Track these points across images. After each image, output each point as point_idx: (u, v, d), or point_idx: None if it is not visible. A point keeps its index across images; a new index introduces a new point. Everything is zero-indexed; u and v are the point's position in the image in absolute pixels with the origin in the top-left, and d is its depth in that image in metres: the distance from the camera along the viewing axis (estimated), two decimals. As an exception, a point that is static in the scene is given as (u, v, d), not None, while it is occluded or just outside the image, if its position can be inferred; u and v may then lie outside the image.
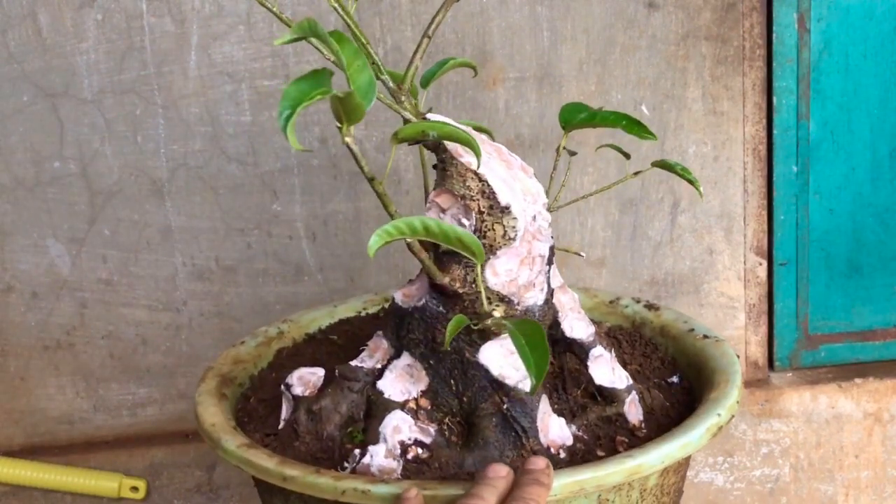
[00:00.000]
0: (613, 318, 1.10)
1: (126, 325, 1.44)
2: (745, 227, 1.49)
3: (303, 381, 0.92)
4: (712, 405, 0.88)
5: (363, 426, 0.88)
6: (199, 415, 0.93)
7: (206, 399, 0.96)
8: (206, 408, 0.94)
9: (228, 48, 1.37)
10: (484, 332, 0.86)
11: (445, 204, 0.86)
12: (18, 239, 1.40)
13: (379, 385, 0.89)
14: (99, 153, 1.39)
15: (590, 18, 1.39)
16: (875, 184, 1.50)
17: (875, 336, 1.56)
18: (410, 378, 0.88)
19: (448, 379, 0.88)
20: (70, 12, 1.34)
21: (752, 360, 1.54)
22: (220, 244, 1.43)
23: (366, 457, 0.85)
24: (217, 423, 0.92)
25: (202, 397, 0.96)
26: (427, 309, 0.87)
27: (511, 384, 0.86)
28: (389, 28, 1.37)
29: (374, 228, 1.44)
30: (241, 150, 1.40)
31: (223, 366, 1.02)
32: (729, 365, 0.96)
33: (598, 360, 0.92)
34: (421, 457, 0.85)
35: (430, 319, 0.87)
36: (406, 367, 0.89)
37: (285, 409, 0.92)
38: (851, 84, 1.46)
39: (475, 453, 0.85)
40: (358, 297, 1.16)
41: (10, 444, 1.47)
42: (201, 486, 1.49)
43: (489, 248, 0.85)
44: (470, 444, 0.86)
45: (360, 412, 0.89)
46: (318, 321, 1.12)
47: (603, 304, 1.11)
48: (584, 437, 0.89)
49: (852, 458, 1.54)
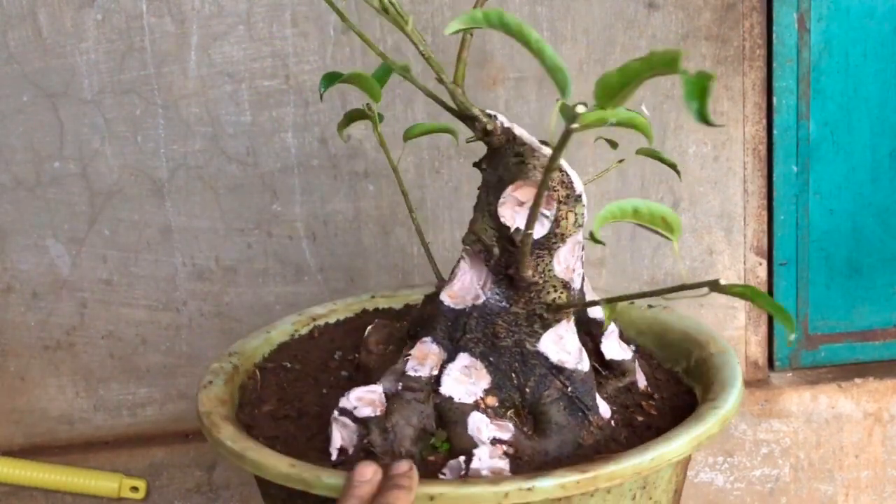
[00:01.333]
0: None
1: (126, 325, 1.44)
2: (745, 227, 1.49)
3: (365, 402, 0.88)
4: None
5: (445, 434, 0.87)
6: (268, 465, 0.84)
7: (258, 445, 0.88)
8: (262, 453, 0.86)
9: (228, 48, 1.37)
10: (544, 322, 0.87)
11: (524, 196, 0.87)
12: (18, 239, 1.40)
13: (443, 391, 0.87)
14: (99, 153, 1.39)
15: (590, 18, 1.39)
16: (875, 184, 1.50)
17: (875, 336, 1.56)
18: (469, 379, 0.88)
19: (509, 373, 0.88)
20: (70, 12, 1.34)
21: (752, 360, 1.54)
22: (220, 244, 1.43)
23: (473, 461, 0.83)
24: (297, 465, 0.83)
25: (252, 451, 0.87)
26: (488, 306, 0.88)
27: (571, 367, 0.88)
28: (390, 28, 1.37)
29: (374, 229, 1.45)
30: (241, 150, 1.40)
31: (217, 407, 0.96)
32: (685, 322, 1.07)
33: (610, 336, 0.94)
34: (508, 452, 0.85)
35: (490, 316, 0.88)
36: (463, 369, 0.89)
37: (341, 436, 0.87)
38: (851, 84, 1.46)
39: (553, 439, 0.86)
40: (286, 320, 1.13)
41: (10, 444, 1.47)
42: (201, 486, 1.49)
43: (560, 236, 0.87)
44: (545, 432, 0.87)
45: (431, 422, 0.87)
46: (259, 349, 1.08)
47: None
48: (614, 408, 0.92)
49: (852, 458, 1.54)
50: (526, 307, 0.87)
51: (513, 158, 0.87)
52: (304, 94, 1.38)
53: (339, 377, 1.02)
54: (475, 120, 0.85)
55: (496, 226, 0.88)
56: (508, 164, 0.87)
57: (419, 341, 0.90)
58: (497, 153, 0.88)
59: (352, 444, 0.86)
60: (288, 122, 1.39)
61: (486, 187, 0.89)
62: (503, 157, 0.87)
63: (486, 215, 0.88)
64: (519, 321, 0.88)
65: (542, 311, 0.87)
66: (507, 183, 0.87)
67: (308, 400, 0.98)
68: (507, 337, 0.88)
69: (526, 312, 0.88)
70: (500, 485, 0.77)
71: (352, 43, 1.37)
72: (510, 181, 0.86)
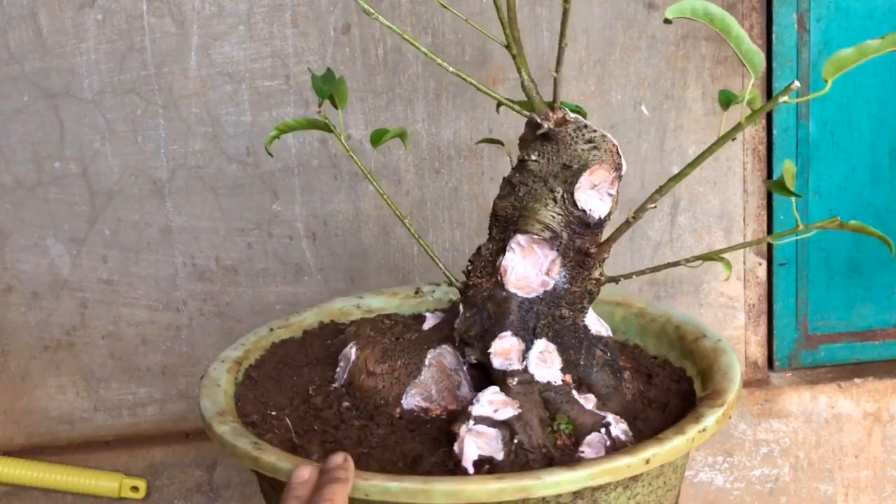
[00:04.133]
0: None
1: (126, 325, 1.44)
2: (745, 227, 1.49)
3: (499, 404, 0.89)
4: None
5: (566, 417, 0.90)
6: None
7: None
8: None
9: (229, 48, 1.37)
10: (591, 297, 0.94)
11: (597, 179, 0.91)
12: (19, 239, 1.41)
13: (538, 379, 0.91)
14: (99, 153, 1.39)
15: (590, 19, 1.39)
16: (874, 184, 1.51)
17: (874, 336, 1.56)
18: (545, 363, 0.92)
19: (569, 349, 0.93)
20: (70, 12, 1.34)
21: (751, 360, 1.54)
22: (220, 244, 1.43)
23: (612, 430, 0.88)
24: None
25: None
26: (557, 288, 0.93)
27: (604, 335, 0.96)
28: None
29: (374, 228, 1.45)
30: (241, 150, 1.40)
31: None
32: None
33: (590, 314, 0.99)
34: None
35: (556, 299, 0.93)
36: (539, 355, 0.92)
37: (477, 445, 0.85)
38: (851, 84, 1.46)
39: (614, 400, 0.94)
40: (217, 368, 1.04)
41: (10, 443, 1.47)
42: (201, 486, 1.49)
43: (608, 216, 0.93)
44: (605, 395, 0.94)
45: (543, 410, 0.90)
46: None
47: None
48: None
49: (852, 458, 1.54)
50: (581, 285, 0.94)
51: (584, 145, 0.91)
52: (304, 94, 1.38)
53: (341, 409, 0.97)
54: (551, 111, 0.91)
55: (564, 211, 0.91)
56: (578, 151, 0.91)
57: (497, 338, 0.92)
58: (555, 143, 0.92)
59: (498, 451, 0.85)
60: (288, 123, 1.39)
61: (539, 177, 0.92)
62: (570, 146, 0.91)
63: (551, 203, 0.92)
64: (575, 299, 0.94)
65: (591, 287, 0.94)
66: (580, 169, 0.91)
67: (331, 446, 0.91)
68: (568, 316, 0.93)
69: (580, 290, 0.94)
70: (637, 454, 0.82)
71: (352, 43, 1.37)
72: (583, 167, 0.91)
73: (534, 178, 0.93)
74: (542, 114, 0.90)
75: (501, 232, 0.95)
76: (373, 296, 1.18)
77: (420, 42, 1.39)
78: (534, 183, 0.93)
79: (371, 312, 1.15)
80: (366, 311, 1.16)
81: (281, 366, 1.05)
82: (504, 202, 0.95)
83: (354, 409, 0.96)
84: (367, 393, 0.97)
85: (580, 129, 0.91)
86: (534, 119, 0.90)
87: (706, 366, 0.99)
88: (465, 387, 0.95)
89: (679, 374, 1.02)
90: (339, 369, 1.01)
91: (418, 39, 1.43)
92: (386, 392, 0.96)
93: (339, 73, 1.38)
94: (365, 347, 0.99)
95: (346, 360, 1.00)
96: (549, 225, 0.91)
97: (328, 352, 1.06)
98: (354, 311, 1.16)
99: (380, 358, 0.98)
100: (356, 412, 0.96)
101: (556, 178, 0.92)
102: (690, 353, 1.03)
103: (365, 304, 1.17)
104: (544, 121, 0.90)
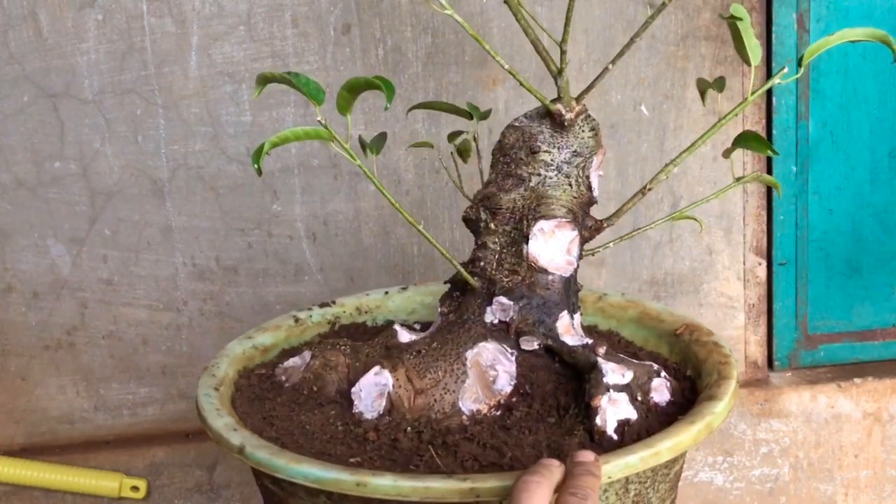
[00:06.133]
0: None
1: (127, 325, 1.44)
2: (745, 226, 1.49)
3: (618, 371, 0.94)
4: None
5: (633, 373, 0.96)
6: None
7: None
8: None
9: (229, 48, 1.37)
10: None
11: (597, 163, 1.00)
12: (19, 239, 1.41)
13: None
14: (99, 153, 1.39)
15: (590, 19, 1.39)
16: (874, 184, 1.51)
17: (874, 336, 1.56)
18: (577, 333, 0.99)
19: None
20: (70, 12, 1.34)
21: (751, 360, 1.54)
22: (220, 244, 1.43)
23: (664, 374, 0.97)
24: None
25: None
26: (578, 265, 1.00)
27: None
28: (389, 28, 1.37)
29: (374, 228, 1.45)
30: (241, 150, 1.40)
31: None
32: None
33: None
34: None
35: (575, 273, 1.00)
36: (576, 328, 0.99)
37: (615, 413, 0.91)
38: (851, 84, 1.47)
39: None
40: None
41: (10, 443, 1.47)
42: (202, 486, 1.49)
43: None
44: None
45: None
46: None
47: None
48: None
49: (851, 458, 1.54)
50: (583, 258, 1.02)
51: (589, 133, 0.98)
52: (304, 94, 1.38)
53: (406, 434, 0.92)
54: (574, 102, 0.97)
55: (579, 194, 0.98)
56: (585, 139, 0.98)
57: (558, 319, 0.96)
58: (566, 133, 0.98)
59: (631, 412, 0.91)
60: (288, 123, 1.39)
61: (553, 166, 0.98)
62: (578, 135, 0.98)
63: (568, 188, 0.98)
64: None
65: (586, 255, 1.03)
66: (588, 155, 0.98)
67: (473, 464, 0.88)
68: (580, 288, 1.02)
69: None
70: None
71: (352, 43, 1.38)
72: (591, 153, 0.98)
73: (546, 168, 0.98)
74: (567, 106, 0.97)
75: (515, 223, 0.98)
76: (260, 333, 1.09)
77: (420, 42, 1.40)
78: (547, 172, 0.98)
79: (267, 351, 1.08)
80: (262, 350, 1.07)
81: (273, 420, 0.96)
82: (511, 195, 0.98)
83: (417, 431, 0.91)
84: (422, 412, 0.94)
85: (587, 119, 0.98)
86: (559, 111, 0.96)
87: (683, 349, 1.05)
88: (501, 380, 0.95)
89: (655, 356, 1.06)
90: (362, 401, 0.95)
91: (418, 40, 1.43)
92: (440, 405, 0.94)
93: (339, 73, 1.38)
94: (396, 368, 0.95)
95: (370, 389, 0.95)
96: (571, 209, 0.97)
97: (300, 393, 0.98)
98: (255, 354, 1.06)
99: (419, 374, 0.95)
100: (430, 433, 0.91)
101: (570, 165, 0.98)
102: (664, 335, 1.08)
103: (260, 344, 1.08)
104: (568, 112, 0.97)
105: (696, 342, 1.03)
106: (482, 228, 0.99)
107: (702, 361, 1.00)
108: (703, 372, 0.99)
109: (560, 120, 0.97)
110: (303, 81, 0.89)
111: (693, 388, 0.99)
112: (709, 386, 0.95)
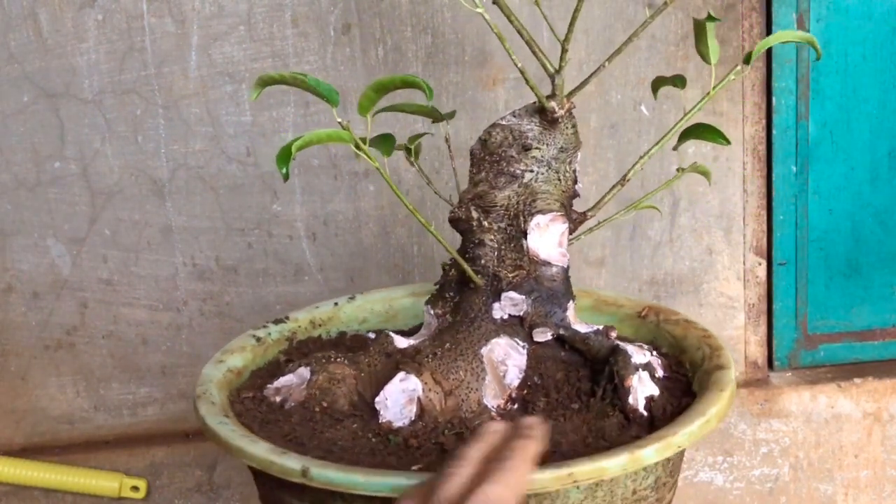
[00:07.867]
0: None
1: (127, 325, 1.45)
2: (745, 227, 1.49)
3: (639, 352, 0.97)
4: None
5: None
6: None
7: None
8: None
9: (229, 48, 1.37)
10: None
11: (579, 158, 1.03)
12: (19, 239, 1.41)
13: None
14: (99, 153, 1.39)
15: (590, 19, 1.39)
16: (874, 184, 1.51)
17: (874, 336, 1.56)
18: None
19: None
20: (70, 12, 1.34)
21: (751, 360, 1.54)
22: (220, 244, 1.43)
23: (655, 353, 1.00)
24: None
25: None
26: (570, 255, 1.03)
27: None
28: (389, 28, 1.37)
29: (374, 228, 1.45)
30: (241, 150, 1.40)
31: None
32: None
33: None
34: None
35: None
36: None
37: (643, 390, 0.94)
38: (851, 84, 1.47)
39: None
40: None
41: (10, 443, 1.47)
42: (202, 486, 1.49)
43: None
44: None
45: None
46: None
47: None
48: None
49: (851, 458, 1.54)
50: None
51: (571, 129, 1.02)
52: (304, 94, 1.38)
53: (447, 436, 0.91)
54: (565, 100, 1.00)
55: (567, 188, 1.02)
56: (569, 135, 1.01)
57: (567, 309, 0.99)
58: (554, 130, 1.01)
59: (654, 389, 0.94)
60: (288, 123, 1.39)
61: (544, 162, 1.01)
62: (564, 131, 1.01)
63: (558, 182, 1.01)
64: None
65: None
66: (572, 151, 1.01)
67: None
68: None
69: None
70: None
71: (352, 43, 1.38)
72: (575, 149, 1.02)
73: (538, 164, 1.00)
74: (560, 103, 1.00)
75: (510, 220, 0.99)
76: (228, 356, 1.04)
77: (420, 42, 1.40)
78: (539, 168, 1.00)
79: (240, 374, 1.03)
80: (237, 373, 1.03)
81: (300, 440, 0.92)
82: (505, 192, 1.00)
83: (456, 433, 0.90)
84: (454, 413, 0.93)
85: (569, 116, 1.01)
86: (553, 108, 0.99)
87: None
88: (510, 374, 0.96)
89: (623, 339, 1.10)
90: (389, 409, 0.92)
91: (418, 39, 1.43)
92: (467, 405, 0.94)
93: (339, 73, 1.38)
94: (421, 372, 0.93)
95: (397, 396, 0.93)
96: (563, 203, 1.01)
97: (310, 411, 0.95)
98: (232, 377, 1.02)
99: (444, 375, 0.94)
100: (469, 433, 0.90)
101: (557, 161, 1.01)
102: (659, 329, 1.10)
103: (233, 367, 1.03)
104: (560, 109, 0.99)
105: (666, 321, 1.07)
106: (475, 227, 1.00)
107: (680, 339, 1.03)
108: (687, 348, 1.01)
109: (552, 117, 0.99)
110: (313, 83, 0.87)
111: (679, 363, 1.02)
112: (708, 357, 0.98)
